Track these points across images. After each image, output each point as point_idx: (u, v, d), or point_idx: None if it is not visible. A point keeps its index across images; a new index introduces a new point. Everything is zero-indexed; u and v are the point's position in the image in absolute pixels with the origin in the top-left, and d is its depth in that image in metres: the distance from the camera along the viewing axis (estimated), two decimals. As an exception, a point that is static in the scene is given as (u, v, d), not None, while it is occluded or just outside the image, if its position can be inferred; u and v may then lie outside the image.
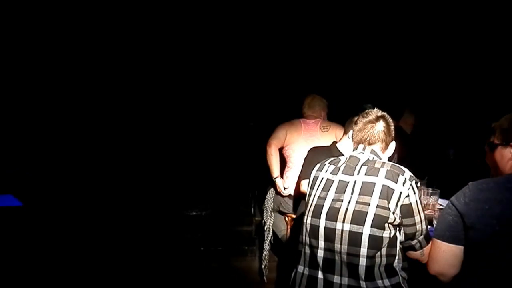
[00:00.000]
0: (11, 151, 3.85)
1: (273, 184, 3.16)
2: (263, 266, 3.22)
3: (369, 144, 1.71)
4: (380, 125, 1.72)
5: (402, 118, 3.86)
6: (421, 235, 1.60)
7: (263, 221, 3.27)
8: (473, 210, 1.38)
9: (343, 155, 2.88)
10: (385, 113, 1.76)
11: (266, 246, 3.19)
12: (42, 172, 3.99)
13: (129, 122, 4.52)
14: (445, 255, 1.45)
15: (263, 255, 3.21)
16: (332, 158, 1.76)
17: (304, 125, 3.04)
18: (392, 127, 1.77)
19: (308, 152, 2.85)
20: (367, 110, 1.78)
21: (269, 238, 3.19)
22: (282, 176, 3.10)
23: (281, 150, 3.11)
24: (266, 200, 3.22)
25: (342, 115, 3.24)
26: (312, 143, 2.92)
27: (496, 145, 1.50)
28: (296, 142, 3.02)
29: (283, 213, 3.10)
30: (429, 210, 2.24)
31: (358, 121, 1.76)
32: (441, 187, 2.35)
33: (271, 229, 3.18)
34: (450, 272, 1.47)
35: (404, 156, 2.85)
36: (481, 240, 1.35)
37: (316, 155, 2.75)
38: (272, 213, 3.19)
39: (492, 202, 1.36)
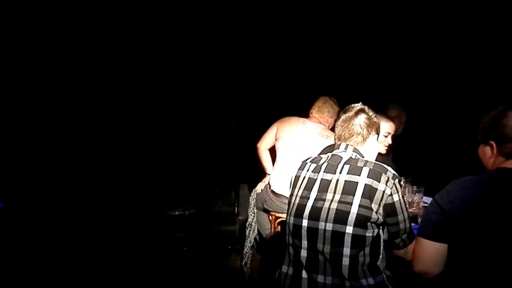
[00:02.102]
0: (11, 151, 3.88)
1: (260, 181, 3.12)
2: (243, 264, 3.16)
3: (350, 139, 1.69)
4: (359, 119, 1.70)
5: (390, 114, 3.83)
6: (404, 233, 1.59)
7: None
8: (457, 208, 1.37)
9: None
10: (365, 107, 1.74)
11: (248, 244, 3.13)
12: (42, 172, 4.02)
13: (111, 121, 4.50)
14: (429, 253, 1.45)
15: (244, 252, 3.16)
16: (314, 157, 1.74)
17: (302, 124, 2.96)
18: (375, 121, 1.74)
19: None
20: (349, 105, 1.76)
21: (250, 235, 3.13)
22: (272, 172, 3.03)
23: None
24: (251, 196, 3.18)
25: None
26: (305, 144, 2.86)
27: (479, 143, 1.52)
28: (287, 139, 2.94)
29: (268, 211, 3.03)
30: (414, 208, 2.23)
31: (339, 117, 1.75)
32: (427, 185, 2.33)
33: (253, 226, 3.12)
34: (434, 270, 1.46)
35: (387, 154, 2.83)
36: (467, 238, 1.34)
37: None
38: (256, 210, 3.13)
39: (475, 199, 1.36)
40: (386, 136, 2.69)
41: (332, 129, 2.95)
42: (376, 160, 2.74)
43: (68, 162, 4.21)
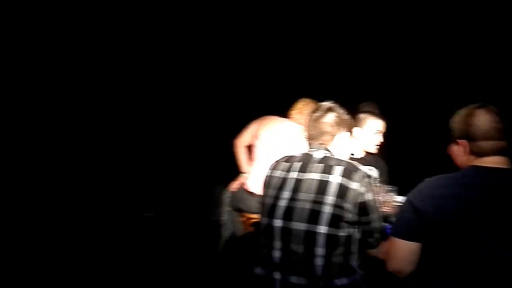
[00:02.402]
0: (11, 151, 3.87)
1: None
2: (216, 264, 3.14)
3: (320, 138, 1.68)
4: (329, 117, 1.69)
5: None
6: (377, 232, 1.60)
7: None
8: (429, 206, 1.37)
9: (352, 154, 2.86)
10: (335, 105, 1.73)
11: (221, 244, 3.10)
12: (42, 172, 4.02)
13: (111, 121, 4.48)
14: (403, 252, 1.44)
15: (217, 252, 3.13)
16: (288, 156, 1.72)
17: (282, 124, 2.95)
18: (345, 118, 1.73)
19: None
20: (319, 104, 1.75)
21: (224, 235, 3.10)
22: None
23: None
24: (225, 195, 3.14)
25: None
26: (282, 144, 2.84)
27: (450, 142, 1.53)
28: (266, 137, 2.92)
29: (243, 211, 2.97)
30: (387, 207, 2.22)
31: (309, 116, 1.73)
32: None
33: (227, 226, 3.09)
34: (407, 268, 1.46)
35: (379, 153, 2.82)
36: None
37: None
38: (230, 210, 3.09)
39: (447, 198, 1.36)
40: (376, 134, 2.70)
41: None
42: (368, 160, 2.72)
43: (68, 162, 4.20)
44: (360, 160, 2.81)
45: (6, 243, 3.40)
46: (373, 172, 2.80)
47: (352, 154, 2.81)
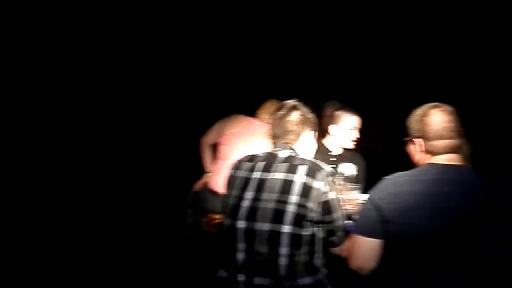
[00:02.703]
0: (11, 151, 3.87)
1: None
2: (180, 266, 3.13)
3: (284, 137, 1.67)
4: (293, 116, 1.68)
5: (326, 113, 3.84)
6: (340, 230, 1.61)
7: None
8: (389, 204, 1.40)
9: (329, 150, 2.86)
10: (299, 103, 1.72)
11: (187, 245, 3.10)
12: (42, 172, 4.02)
13: (110, 121, 4.46)
14: (364, 250, 1.47)
15: (183, 254, 3.12)
16: (251, 155, 1.71)
17: (247, 122, 2.95)
18: (309, 117, 1.72)
19: None
20: (283, 102, 1.74)
21: (189, 236, 3.10)
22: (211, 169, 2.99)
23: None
24: (189, 195, 3.13)
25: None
26: (248, 143, 2.84)
27: (407, 141, 1.57)
28: (229, 135, 2.92)
29: (207, 211, 2.93)
30: (350, 205, 2.23)
31: (273, 115, 1.72)
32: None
33: (192, 226, 3.08)
34: (369, 266, 1.48)
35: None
36: (402, 232, 1.37)
37: None
38: (193, 211, 3.09)
39: (405, 195, 1.39)
40: (352, 130, 2.72)
41: None
42: (347, 156, 2.75)
43: (68, 162, 4.20)
44: (339, 157, 2.82)
45: (6, 243, 3.40)
46: (352, 169, 2.83)
47: (331, 152, 2.80)
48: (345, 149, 2.82)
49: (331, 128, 2.77)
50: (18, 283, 3.05)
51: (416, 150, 1.52)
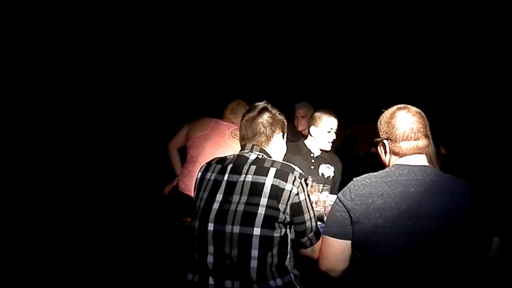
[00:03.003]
0: (11, 151, 3.87)
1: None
2: (149, 270, 3.12)
3: (253, 139, 1.66)
4: (262, 118, 1.67)
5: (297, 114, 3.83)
6: (311, 232, 1.59)
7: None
8: (358, 205, 1.42)
9: (311, 152, 2.82)
10: (268, 105, 1.71)
11: (156, 248, 3.10)
12: (42, 172, 4.02)
13: (109, 121, 4.46)
14: (334, 251, 1.47)
15: (151, 258, 3.11)
16: (220, 158, 1.70)
17: (214, 124, 2.95)
18: (279, 119, 1.71)
19: None
20: (253, 104, 1.73)
21: (159, 239, 3.08)
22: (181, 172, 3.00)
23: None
24: (160, 199, 3.14)
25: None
26: (217, 144, 2.85)
27: (376, 142, 1.58)
28: (198, 139, 2.91)
29: (176, 214, 2.92)
30: (320, 207, 2.23)
31: (243, 117, 1.71)
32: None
33: (162, 230, 3.07)
34: (339, 267, 1.49)
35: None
36: (371, 234, 1.38)
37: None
38: (164, 213, 3.07)
39: (374, 196, 1.40)
40: (329, 132, 2.75)
41: None
42: (326, 158, 2.79)
43: (67, 162, 4.20)
44: (318, 159, 2.85)
45: (6, 243, 3.40)
46: (331, 170, 2.87)
47: (312, 153, 2.82)
48: (323, 151, 2.85)
49: (312, 130, 2.81)
50: (18, 283, 3.05)
51: (384, 151, 1.54)
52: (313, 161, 2.83)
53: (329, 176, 2.84)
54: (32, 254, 3.40)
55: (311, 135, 2.83)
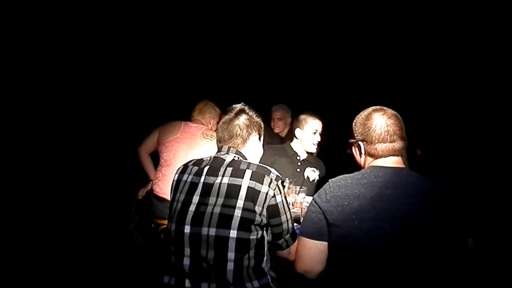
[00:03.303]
0: (11, 151, 3.88)
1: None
2: (126, 274, 3.11)
3: (230, 141, 1.66)
4: (239, 120, 1.67)
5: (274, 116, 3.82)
6: (287, 234, 1.59)
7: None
8: (334, 207, 1.41)
9: (297, 154, 2.82)
10: (246, 107, 1.71)
11: (131, 252, 3.07)
12: (42, 172, 4.02)
13: (109, 121, 4.44)
14: (311, 252, 1.47)
15: (127, 262, 3.12)
16: (196, 159, 1.69)
17: (184, 127, 2.94)
18: (255, 121, 1.71)
19: None
20: (230, 106, 1.72)
21: (133, 243, 3.07)
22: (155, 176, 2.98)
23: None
24: (132, 203, 3.13)
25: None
26: (189, 146, 2.84)
27: (351, 143, 1.58)
28: (169, 142, 2.90)
29: (151, 218, 2.93)
30: (297, 208, 2.22)
31: (220, 119, 1.71)
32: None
33: (135, 234, 3.07)
34: (316, 268, 1.49)
35: None
36: (347, 235, 1.38)
37: (270, 155, 2.75)
38: (137, 218, 3.08)
39: (350, 197, 1.40)
40: (314, 133, 2.76)
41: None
42: (311, 161, 2.79)
43: (67, 162, 4.20)
44: (304, 162, 2.85)
45: (6, 243, 3.40)
46: (316, 174, 2.87)
47: (298, 157, 2.82)
48: (309, 153, 2.86)
49: (297, 132, 2.81)
50: (18, 282, 3.05)
51: (359, 153, 1.54)
52: (299, 164, 2.83)
53: (314, 180, 2.84)
54: (32, 254, 3.40)
55: (296, 138, 2.83)
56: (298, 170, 2.82)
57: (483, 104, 3.90)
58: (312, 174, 2.83)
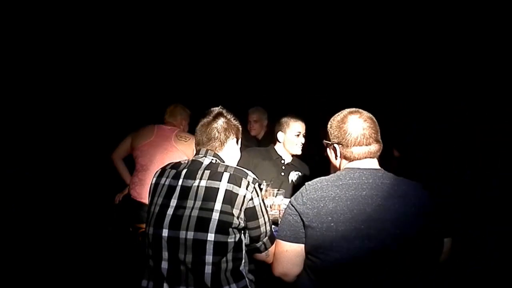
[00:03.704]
0: (11, 151, 3.88)
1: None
2: (105, 277, 3.10)
3: (208, 144, 1.66)
4: (217, 123, 1.67)
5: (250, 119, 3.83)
6: (265, 236, 1.59)
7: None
8: (310, 209, 1.41)
9: (282, 158, 2.81)
10: (224, 110, 1.72)
11: (109, 256, 3.10)
12: (42, 172, 4.02)
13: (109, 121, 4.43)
14: (288, 255, 1.47)
15: (106, 266, 3.11)
16: (174, 162, 1.69)
17: (157, 130, 2.96)
18: (233, 124, 1.71)
19: (243, 152, 2.84)
20: (209, 109, 1.73)
21: (113, 247, 3.09)
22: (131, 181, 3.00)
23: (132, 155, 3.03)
24: (111, 208, 3.14)
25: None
26: (164, 149, 2.85)
27: (326, 146, 1.58)
28: (143, 146, 2.91)
29: (129, 222, 2.93)
30: (275, 210, 2.23)
31: (199, 122, 1.71)
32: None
33: (114, 237, 3.08)
34: (293, 271, 1.48)
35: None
36: (324, 238, 1.37)
37: (253, 157, 2.76)
38: (115, 222, 3.09)
39: (325, 199, 1.40)
40: (297, 136, 2.74)
41: (191, 132, 2.94)
42: (296, 165, 2.79)
43: (67, 162, 4.20)
44: (288, 166, 2.83)
45: (6, 243, 3.40)
46: (300, 177, 2.85)
47: (283, 160, 2.81)
48: (294, 156, 2.84)
49: (279, 135, 2.79)
50: (18, 282, 3.05)
51: (335, 155, 1.54)
52: (283, 167, 2.80)
53: (299, 184, 2.81)
54: (32, 254, 3.41)
55: (279, 141, 2.81)
56: (283, 173, 2.80)
57: (483, 104, 3.89)
58: (297, 178, 2.82)
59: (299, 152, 2.78)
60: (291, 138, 2.74)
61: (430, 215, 1.38)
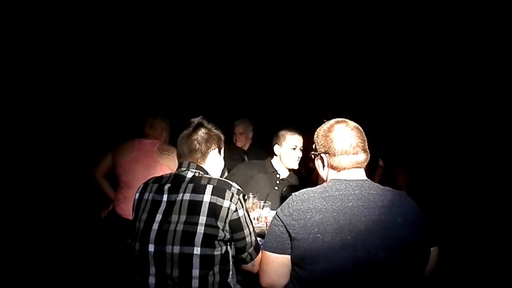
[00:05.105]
0: (11, 151, 3.89)
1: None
2: None
3: (189, 156, 1.64)
4: (198, 134, 1.65)
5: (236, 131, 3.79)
6: (251, 247, 1.59)
7: None
8: (296, 220, 1.40)
9: (277, 172, 2.76)
10: (204, 121, 1.70)
11: (96, 273, 3.06)
12: (42, 172, 4.03)
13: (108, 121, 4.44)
14: (274, 266, 1.46)
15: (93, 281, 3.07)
16: (157, 177, 1.68)
17: (138, 144, 2.89)
18: (214, 134, 1.70)
19: (240, 165, 2.77)
20: (189, 120, 1.70)
21: (99, 262, 3.05)
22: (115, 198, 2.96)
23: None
24: (97, 223, 3.12)
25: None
26: (148, 165, 2.80)
27: (313, 156, 1.57)
28: (125, 163, 2.85)
29: (114, 237, 2.90)
30: (262, 223, 2.21)
31: (180, 134, 1.68)
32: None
33: (101, 253, 3.05)
34: (280, 282, 1.48)
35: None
36: (310, 249, 1.36)
37: (249, 169, 2.72)
38: (102, 237, 3.04)
39: (312, 211, 1.39)
40: (294, 149, 2.68)
41: (172, 144, 2.88)
42: (291, 180, 2.75)
43: (67, 162, 4.21)
44: (283, 181, 2.77)
45: (6, 243, 3.41)
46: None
47: (278, 175, 2.76)
48: (291, 171, 2.80)
49: (276, 148, 2.74)
50: (18, 282, 3.07)
51: (322, 165, 1.53)
52: (277, 182, 2.75)
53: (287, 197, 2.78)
54: (32, 254, 3.42)
55: (276, 155, 2.76)
56: (276, 188, 2.75)
57: (483, 104, 3.88)
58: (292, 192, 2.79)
59: (295, 166, 2.71)
60: (287, 151, 2.68)
61: (416, 224, 1.37)
